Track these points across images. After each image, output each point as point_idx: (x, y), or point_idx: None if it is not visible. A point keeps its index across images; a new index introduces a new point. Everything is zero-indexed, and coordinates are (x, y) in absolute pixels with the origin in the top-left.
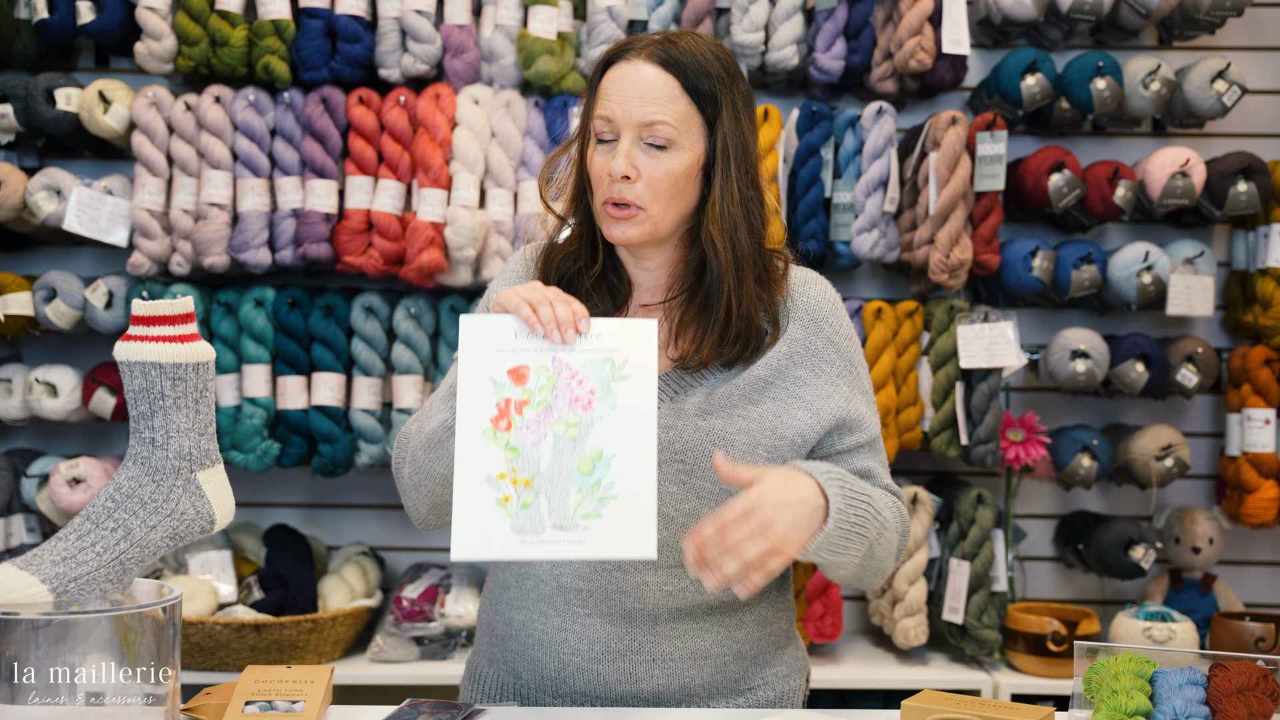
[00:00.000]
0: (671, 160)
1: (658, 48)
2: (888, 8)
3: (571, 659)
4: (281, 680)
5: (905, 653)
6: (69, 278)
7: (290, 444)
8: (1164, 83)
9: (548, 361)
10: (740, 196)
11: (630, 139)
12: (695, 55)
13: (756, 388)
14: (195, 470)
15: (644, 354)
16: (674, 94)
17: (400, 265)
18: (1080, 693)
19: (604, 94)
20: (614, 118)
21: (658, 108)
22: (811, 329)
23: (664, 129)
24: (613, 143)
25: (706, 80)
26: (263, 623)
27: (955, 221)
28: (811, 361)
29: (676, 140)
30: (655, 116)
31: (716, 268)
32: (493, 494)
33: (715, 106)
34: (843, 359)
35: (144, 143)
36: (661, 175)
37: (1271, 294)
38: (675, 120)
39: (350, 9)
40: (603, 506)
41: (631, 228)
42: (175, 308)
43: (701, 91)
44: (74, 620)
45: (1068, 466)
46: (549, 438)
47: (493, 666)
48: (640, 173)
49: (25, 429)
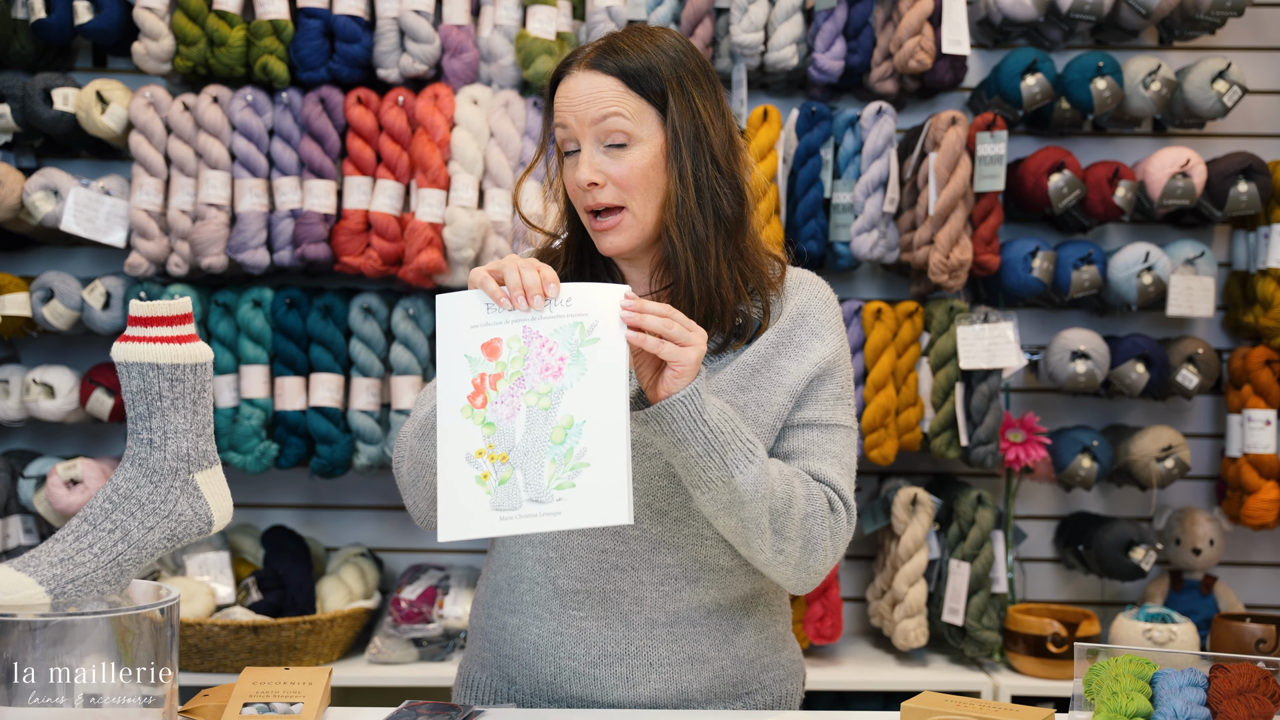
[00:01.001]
0: (633, 155)
1: (595, 54)
2: (887, 8)
3: (568, 663)
4: (280, 682)
5: (905, 654)
6: (66, 278)
7: (288, 445)
8: (1164, 83)
9: (519, 332)
10: (696, 182)
11: (590, 144)
12: (634, 51)
13: (745, 374)
14: (193, 471)
15: (611, 315)
16: (619, 91)
17: (399, 266)
18: (1080, 694)
19: (557, 108)
20: (568, 124)
21: (605, 104)
22: (798, 320)
23: (617, 121)
24: (577, 153)
25: (649, 72)
26: (261, 624)
27: (955, 222)
28: (796, 352)
29: (633, 133)
30: (605, 110)
31: (674, 254)
32: (472, 472)
33: (662, 95)
34: (823, 345)
35: (142, 143)
36: (627, 171)
37: (1272, 295)
38: (628, 112)
39: (348, 9)
40: (575, 475)
41: (619, 235)
42: (173, 308)
43: (645, 83)
44: (71, 622)
45: (1068, 467)
46: (522, 410)
47: (486, 672)
48: (606, 175)
49: (22, 430)
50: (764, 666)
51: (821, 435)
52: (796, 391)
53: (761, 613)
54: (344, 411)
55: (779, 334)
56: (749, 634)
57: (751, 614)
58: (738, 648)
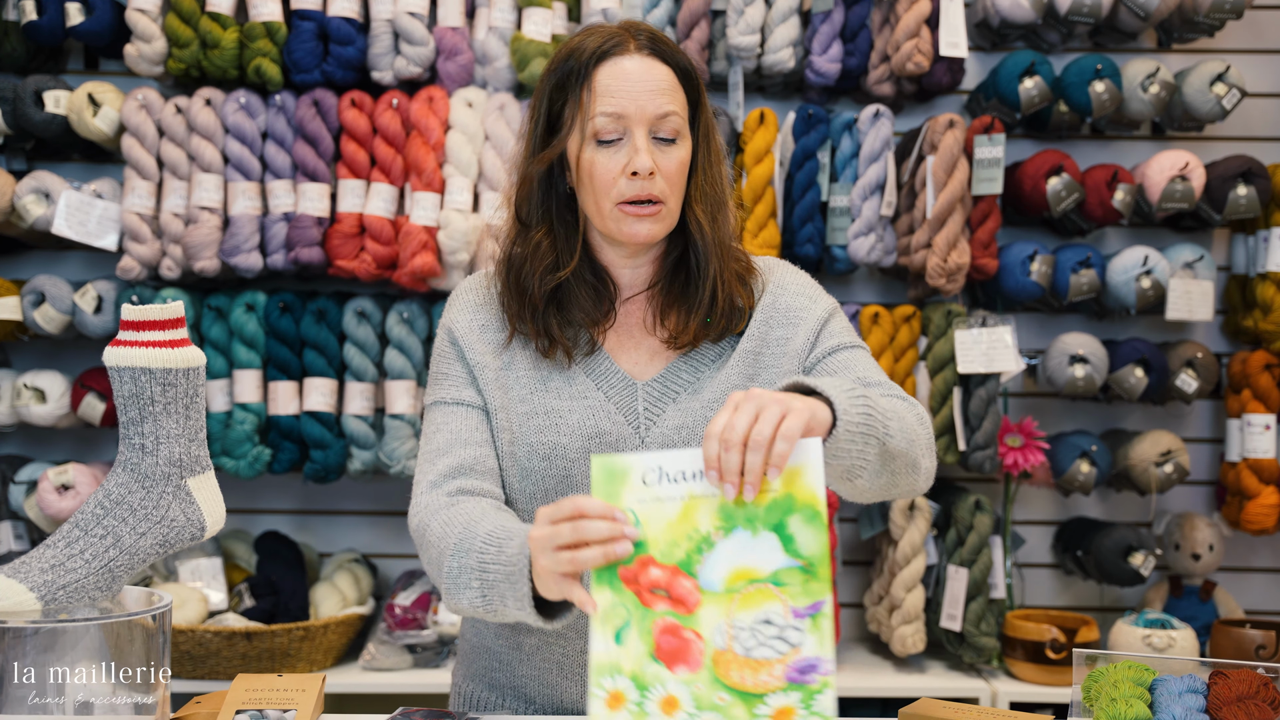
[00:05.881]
0: (680, 152)
1: (647, 42)
2: (885, 10)
3: None
4: (273, 689)
5: (903, 660)
6: (58, 282)
7: (282, 450)
8: (1163, 85)
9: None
10: (715, 177)
11: (644, 133)
12: (671, 47)
13: (749, 361)
14: (185, 477)
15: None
16: (675, 85)
17: (393, 269)
18: (1079, 701)
19: (606, 91)
20: (625, 113)
21: (668, 99)
22: (777, 294)
23: (674, 120)
24: (618, 141)
25: (691, 71)
26: (254, 630)
27: (953, 225)
28: (788, 317)
29: (682, 131)
30: (668, 108)
31: (702, 249)
32: None
33: (698, 94)
34: (815, 304)
35: (134, 146)
36: (675, 168)
37: (1271, 298)
38: (681, 111)
39: (342, 11)
40: None
41: (656, 224)
42: (165, 312)
43: (689, 81)
44: (63, 628)
45: (1066, 472)
46: None
47: (495, 692)
48: (658, 167)
49: (13, 435)
50: None
51: (851, 355)
52: (803, 353)
53: None
54: (338, 416)
55: (765, 310)
56: None
57: None
58: None
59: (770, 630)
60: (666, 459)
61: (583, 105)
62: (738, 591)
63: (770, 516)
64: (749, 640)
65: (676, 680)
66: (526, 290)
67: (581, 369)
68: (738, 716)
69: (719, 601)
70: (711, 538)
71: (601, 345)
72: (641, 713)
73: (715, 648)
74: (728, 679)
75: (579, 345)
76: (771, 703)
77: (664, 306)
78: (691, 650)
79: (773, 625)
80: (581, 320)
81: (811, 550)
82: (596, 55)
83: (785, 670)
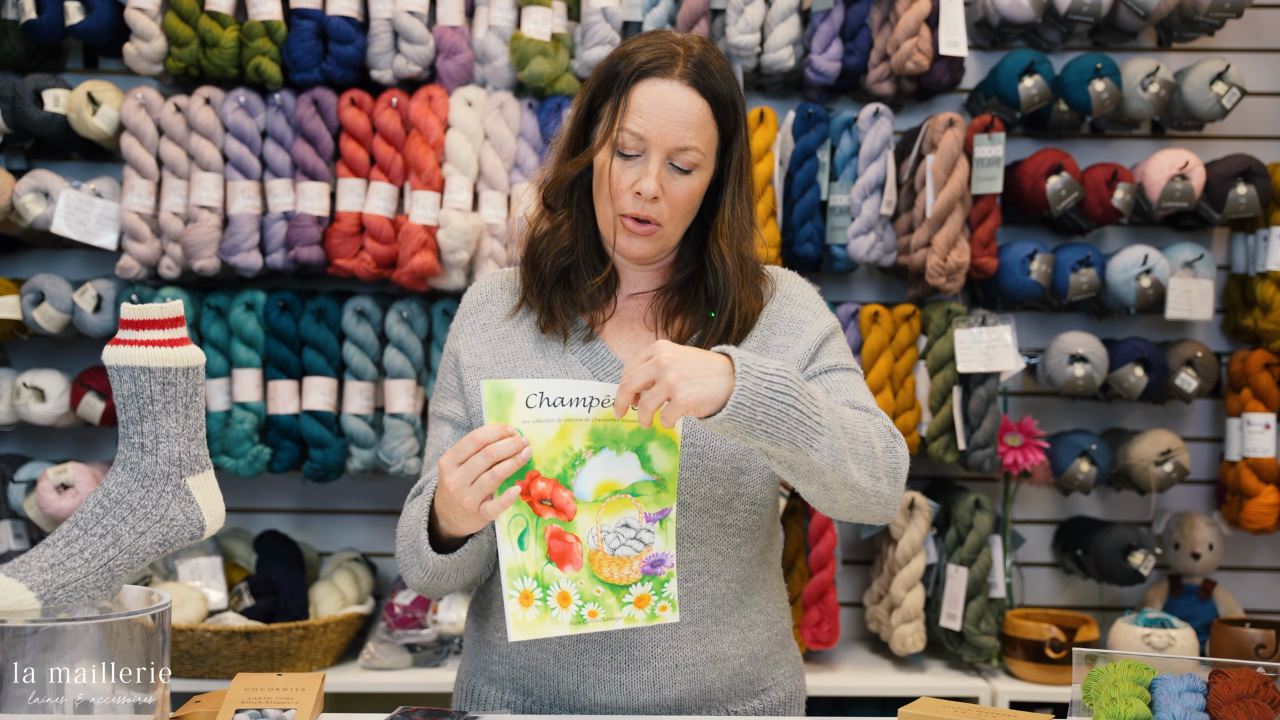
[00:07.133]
0: (693, 181)
1: (692, 69)
2: (884, 9)
3: (593, 670)
4: (272, 688)
5: (902, 660)
6: (57, 281)
7: (281, 449)
8: (1163, 85)
9: None
10: (744, 212)
11: (659, 159)
12: (722, 77)
13: None
14: (185, 476)
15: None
16: (705, 119)
17: (392, 268)
18: (1079, 700)
19: (637, 109)
20: (647, 136)
21: (692, 134)
22: (785, 302)
23: (693, 154)
24: (637, 158)
25: (731, 104)
26: (253, 630)
27: (953, 224)
28: (789, 327)
29: (700, 164)
30: (689, 143)
31: (724, 279)
32: None
33: (735, 127)
34: (818, 319)
35: (133, 145)
36: (683, 196)
37: (1271, 297)
38: (704, 146)
39: (342, 10)
40: None
41: (648, 244)
42: (165, 311)
43: (726, 116)
44: (62, 627)
45: (1066, 471)
46: None
47: (495, 685)
48: (663, 192)
49: (12, 434)
50: (775, 663)
51: (844, 377)
52: (801, 363)
53: (770, 607)
54: (337, 415)
55: (770, 316)
56: (761, 630)
57: (762, 610)
58: (753, 644)
59: (629, 532)
60: (547, 385)
61: (615, 114)
62: (604, 501)
63: (633, 440)
64: (614, 541)
65: (566, 578)
66: (540, 267)
67: (577, 355)
68: (610, 605)
69: (589, 509)
70: (583, 455)
71: (599, 334)
72: (545, 608)
73: (589, 548)
74: (600, 574)
75: (577, 327)
76: (634, 591)
77: (670, 311)
78: (574, 551)
79: (630, 528)
80: (584, 304)
81: (664, 468)
82: (639, 71)
83: (641, 565)
